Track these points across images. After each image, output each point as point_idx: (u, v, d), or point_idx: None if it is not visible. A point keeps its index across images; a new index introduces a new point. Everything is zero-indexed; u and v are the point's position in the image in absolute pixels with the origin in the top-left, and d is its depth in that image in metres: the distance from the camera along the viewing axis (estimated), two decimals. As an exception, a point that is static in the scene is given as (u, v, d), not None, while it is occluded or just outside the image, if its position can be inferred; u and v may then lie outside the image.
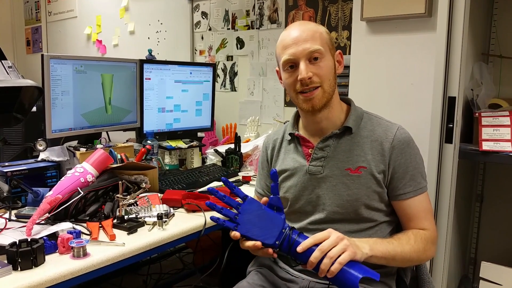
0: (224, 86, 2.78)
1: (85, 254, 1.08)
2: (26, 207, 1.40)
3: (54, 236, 1.14)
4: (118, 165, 1.56)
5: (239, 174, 1.99)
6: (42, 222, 1.25)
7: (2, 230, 1.19)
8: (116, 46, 3.47)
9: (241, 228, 1.03)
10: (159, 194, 1.56)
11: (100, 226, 1.27)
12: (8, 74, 1.39)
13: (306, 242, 0.98)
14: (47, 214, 1.25)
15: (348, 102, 1.24)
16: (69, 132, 1.79)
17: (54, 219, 1.27)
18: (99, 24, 3.59)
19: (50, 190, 1.34)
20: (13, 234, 1.16)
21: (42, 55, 1.66)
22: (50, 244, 1.10)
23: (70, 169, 1.43)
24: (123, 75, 1.99)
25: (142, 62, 2.04)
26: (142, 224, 1.32)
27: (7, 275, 0.98)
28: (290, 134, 1.26)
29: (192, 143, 2.15)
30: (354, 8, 1.74)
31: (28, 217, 1.24)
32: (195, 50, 2.92)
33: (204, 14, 2.84)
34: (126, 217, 1.32)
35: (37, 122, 2.11)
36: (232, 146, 2.15)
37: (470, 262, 2.03)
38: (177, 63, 2.21)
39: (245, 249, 1.06)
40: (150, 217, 1.36)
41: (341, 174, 1.15)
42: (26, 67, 4.32)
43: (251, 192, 1.37)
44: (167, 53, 3.05)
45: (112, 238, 1.19)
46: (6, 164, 1.56)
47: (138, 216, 1.36)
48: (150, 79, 2.07)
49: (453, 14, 1.47)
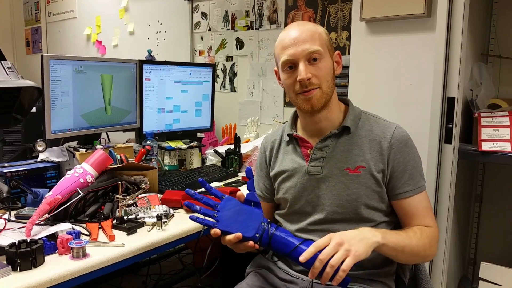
0: (223, 86, 2.78)
1: (84, 255, 1.08)
2: (26, 208, 1.40)
3: (53, 236, 1.14)
4: (118, 165, 1.56)
5: (239, 174, 1.99)
6: (42, 222, 1.25)
7: (1, 230, 1.19)
8: (115, 47, 3.47)
9: (220, 224, 1.04)
10: (159, 195, 1.56)
11: (99, 226, 1.27)
12: (7, 74, 1.39)
13: (309, 251, 0.97)
14: (47, 215, 1.25)
15: (346, 102, 1.25)
16: (68, 132, 1.79)
17: (54, 220, 1.27)
18: (99, 24, 3.59)
19: (49, 191, 1.34)
20: (12, 235, 1.16)
21: (42, 56, 1.66)
22: (50, 244, 1.10)
23: (70, 169, 1.43)
24: (123, 76, 1.99)
25: (141, 63, 2.04)
26: (142, 224, 1.32)
27: (7, 276, 0.98)
28: (288, 135, 1.26)
29: (191, 144, 2.15)
30: (353, 8, 1.74)
31: (27, 217, 1.24)
32: (195, 50, 2.92)
33: (203, 15, 2.84)
34: (125, 217, 1.32)
35: (36, 122, 2.11)
36: (231, 146, 2.15)
37: (470, 263, 2.03)
38: (176, 64, 2.21)
39: (225, 244, 1.06)
40: (149, 217, 1.36)
41: (340, 174, 1.15)
42: (26, 68, 4.32)
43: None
44: (167, 53, 3.05)
45: (111, 238, 1.19)
46: (6, 164, 1.56)
47: (138, 216, 1.36)
48: (149, 80, 2.07)
49: (452, 14, 1.47)
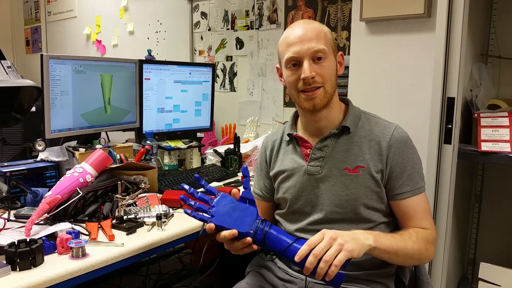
0: (223, 86, 2.78)
1: (84, 255, 1.08)
2: (25, 207, 1.40)
3: (53, 236, 1.14)
4: (117, 165, 1.56)
5: (238, 174, 1.99)
6: (41, 222, 1.25)
7: (1, 230, 1.19)
8: (115, 46, 3.47)
9: (215, 219, 1.05)
10: (158, 195, 1.56)
11: (99, 226, 1.27)
12: (7, 74, 1.39)
13: (302, 250, 0.97)
14: (46, 214, 1.25)
15: (346, 102, 1.25)
16: (68, 132, 1.79)
17: (53, 220, 1.27)
18: (99, 24, 3.59)
19: (49, 190, 1.34)
20: (12, 234, 1.16)
21: (42, 55, 1.66)
22: (49, 244, 1.10)
23: (69, 169, 1.43)
24: (123, 75, 1.99)
25: (141, 62, 2.04)
26: (141, 224, 1.32)
27: (6, 276, 0.98)
28: (288, 135, 1.26)
29: (191, 144, 2.15)
30: (353, 8, 1.74)
31: (27, 217, 1.24)
32: (195, 50, 2.92)
33: (203, 14, 2.84)
34: (125, 217, 1.32)
35: (36, 122, 2.11)
36: (231, 146, 2.15)
37: (469, 263, 2.03)
38: (176, 63, 2.21)
39: (220, 241, 1.06)
40: (149, 217, 1.36)
41: (339, 174, 1.15)
42: (26, 67, 4.32)
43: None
44: (167, 53, 3.05)
45: (111, 238, 1.19)
46: (5, 164, 1.55)
47: (137, 216, 1.36)
48: (149, 79, 2.07)
49: (452, 14, 1.47)
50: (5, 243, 1.04)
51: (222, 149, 2.17)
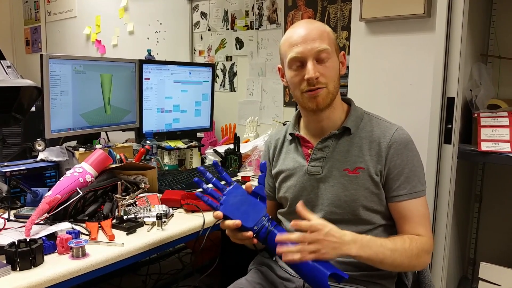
0: (223, 86, 2.78)
1: (84, 254, 1.08)
2: (25, 207, 1.40)
3: (53, 236, 1.14)
4: (117, 165, 1.56)
5: (238, 174, 1.99)
6: (41, 222, 1.25)
7: (1, 230, 1.19)
8: (115, 46, 3.47)
9: (223, 208, 1.05)
10: (158, 194, 1.56)
11: (99, 226, 1.27)
12: (7, 74, 1.39)
13: (301, 224, 0.99)
14: (46, 214, 1.25)
15: (348, 102, 1.24)
16: (68, 132, 1.79)
17: (53, 219, 1.27)
18: (99, 24, 3.59)
19: (49, 190, 1.34)
20: (12, 234, 1.16)
21: (41, 55, 1.66)
22: (49, 244, 1.10)
23: (69, 169, 1.43)
24: (122, 75, 1.99)
25: (141, 62, 2.04)
26: (141, 224, 1.32)
27: (6, 275, 0.97)
28: (290, 134, 1.26)
29: (191, 143, 2.15)
30: (353, 8, 1.74)
31: (27, 217, 1.24)
32: (194, 50, 2.92)
33: (203, 15, 2.84)
34: (125, 217, 1.32)
35: (36, 122, 2.11)
36: (231, 146, 2.15)
37: (469, 263, 2.03)
38: (176, 63, 2.21)
39: (224, 228, 1.07)
40: (149, 217, 1.36)
41: (339, 175, 1.15)
42: (25, 67, 4.32)
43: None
44: (167, 53, 3.05)
45: (111, 238, 1.19)
46: (5, 164, 1.55)
47: (137, 216, 1.36)
48: (149, 79, 2.07)
49: (452, 14, 1.47)
50: (5, 243, 1.04)
51: (222, 149, 2.17)
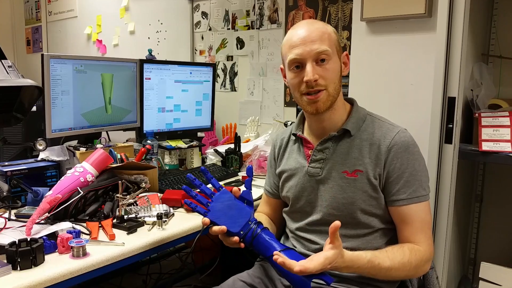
0: (224, 86, 2.78)
1: (84, 254, 1.08)
2: (26, 207, 1.40)
3: (53, 235, 1.14)
4: (118, 164, 1.56)
5: (239, 174, 1.99)
6: (42, 221, 1.25)
7: (1, 229, 1.19)
8: (116, 46, 3.47)
9: (211, 214, 1.08)
10: (159, 194, 1.56)
11: (99, 225, 1.28)
12: (8, 73, 1.40)
13: (311, 269, 0.93)
14: (47, 214, 1.25)
15: (351, 102, 1.23)
16: (69, 131, 1.79)
17: (54, 219, 1.27)
18: (99, 24, 3.59)
19: (49, 190, 1.34)
20: (12, 234, 1.16)
21: (42, 55, 1.66)
22: (50, 243, 1.10)
23: (70, 168, 1.43)
24: (123, 75, 1.99)
25: (142, 62, 2.04)
26: (142, 224, 1.32)
27: (7, 275, 0.98)
28: (293, 135, 1.26)
29: (192, 143, 2.15)
30: (354, 8, 1.74)
31: (27, 216, 1.25)
32: (195, 50, 2.92)
33: (204, 14, 2.84)
34: (125, 216, 1.32)
35: (37, 121, 2.12)
36: (232, 146, 2.15)
37: (470, 263, 2.03)
38: (177, 63, 2.21)
39: (213, 234, 1.09)
40: (149, 217, 1.36)
41: (338, 177, 1.15)
42: (26, 67, 4.32)
43: (254, 192, 1.36)
44: (167, 53, 3.05)
45: (111, 237, 1.19)
46: (6, 163, 1.56)
47: (138, 216, 1.36)
48: (150, 79, 2.07)
49: (453, 14, 1.47)
50: (6, 243, 1.05)
51: (222, 148, 2.17)
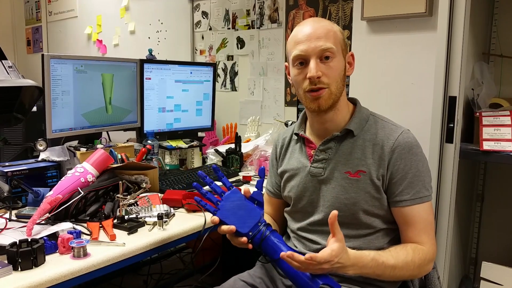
0: (224, 86, 2.78)
1: (85, 254, 1.08)
2: (27, 207, 1.40)
3: (54, 236, 1.14)
4: (119, 165, 1.56)
5: (240, 174, 1.99)
6: (43, 222, 1.25)
7: (2, 230, 1.19)
8: (116, 46, 3.47)
9: (220, 213, 1.07)
10: (160, 194, 1.56)
11: (100, 226, 1.27)
12: (8, 74, 1.40)
13: (317, 258, 0.94)
14: (48, 214, 1.25)
15: (354, 102, 1.22)
16: (69, 132, 1.79)
17: (55, 219, 1.27)
18: (100, 24, 3.59)
19: (50, 190, 1.34)
20: (13, 234, 1.16)
21: (43, 55, 1.66)
22: (51, 244, 1.10)
23: (71, 169, 1.43)
24: (124, 75, 1.99)
25: (142, 62, 2.04)
26: (143, 224, 1.32)
27: (8, 275, 0.98)
28: (296, 134, 1.26)
29: (192, 143, 2.14)
30: (354, 7, 1.74)
31: (28, 217, 1.24)
32: (196, 49, 2.92)
33: (204, 14, 2.83)
34: (126, 217, 1.32)
35: (37, 122, 2.11)
36: (232, 146, 2.15)
37: (471, 262, 2.03)
38: (177, 63, 2.20)
39: (221, 233, 1.08)
40: (150, 217, 1.36)
41: (340, 177, 1.14)
42: (27, 67, 4.32)
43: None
44: (168, 52, 3.05)
45: (112, 238, 1.19)
46: (7, 164, 1.55)
47: (139, 216, 1.36)
48: (150, 79, 2.07)
49: (453, 13, 1.46)
50: (6, 243, 1.04)
51: (223, 148, 2.17)
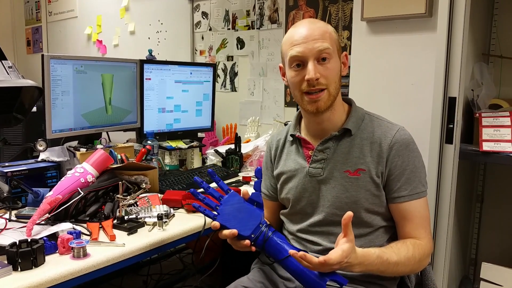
0: (224, 86, 2.78)
1: (85, 255, 1.08)
2: (26, 208, 1.40)
3: (54, 236, 1.14)
4: (118, 165, 1.56)
5: (239, 174, 1.99)
6: (42, 222, 1.25)
7: (2, 230, 1.19)
8: (116, 46, 3.47)
9: (220, 218, 1.06)
10: (159, 195, 1.56)
11: (100, 226, 1.27)
12: (8, 74, 1.39)
13: (330, 261, 0.94)
14: (47, 215, 1.25)
15: (349, 102, 1.23)
16: (69, 132, 1.79)
17: (54, 220, 1.27)
18: (100, 24, 3.59)
19: (50, 191, 1.34)
20: (13, 235, 1.16)
21: (42, 55, 1.66)
22: (50, 244, 1.10)
23: (70, 169, 1.43)
24: (124, 75, 1.99)
25: (142, 62, 2.04)
26: (142, 224, 1.32)
27: (7, 276, 0.98)
28: (291, 135, 1.25)
29: (192, 144, 2.15)
30: (354, 8, 1.74)
31: (28, 217, 1.24)
32: (196, 50, 2.92)
33: (204, 14, 2.84)
34: (126, 217, 1.32)
35: (37, 122, 2.11)
36: (232, 146, 2.15)
37: (471, 263, 2.03)
38: (177, 63, 2.21)
39: (223, 238, 1.07)
40: (150, 217, 1.36)
41: (340, 176, 1.14)
42: (27, 67, 4.32)
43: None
44: (168, 53, 3.05)
45: (112, 238, 1.19)
46: (6, 164, 1.55)
47: (138, 216, 1.36)
48: (150, 79, 2.07)
49: (453, 14, 1.47)
50: (6, 243, 1.05)
51: (223, 149, 2.17)
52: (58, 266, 1.03)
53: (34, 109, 1.63)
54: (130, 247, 1.16)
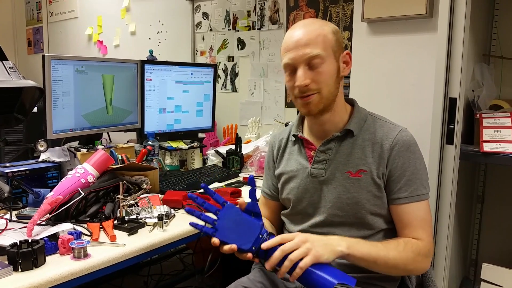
0: (225, 86, 2.78)
1: (85, 255, 1.08)
2: (27, 208, 1.40)
3: (54, 237, 1.14)
4: (119, 165, 1.56)
5: (240, 175, 1.99)
6: (43, 223, 1.25)
7: (3, 231, 1.19)
8: (117, 47, 3.48)
9: (219, 234, 1.04)
10: (160, 195, 1.56)
11: (100, 227, 1.27)
12: (9, 74, 1.40)
13: (272, 241, 0.99)
14: (48, 215, 1.25)
15: (351, 103, 1.23)
16: (70, 132, 1.79)
17: (55, 220, 1.27)
18: (100, 24, 3.59)
19: (51, 191, 1.34)
20: (13, 235, 1.16)
21: (43, 56, 1.66)
22: (51, 245, 1.10)
23: (71, 169, 1.43)
24: (124, 76, 1.99)
25: (143, 63, 2.04)
26: (143, 225, 1.32)
27: (8, 276, 0.98)
28: (294, 136, 1.26)
29: (193, 144, 2.15)
30: (355, 8, 1.74)
31: (28, 218, 1.24)
32: (196, 50, 2.92)
33: (205, 15, 2.84)
34: (126, 218, 1.32)
35: (38, 122, 2.11)
36: (233, 147, 2.15)
37: (471, 264, 2.03)
38: (178, 64, 2.21)
39: (224, 253, 1.05)
40: (150, 218, 1.36)
41: (342, 177, 1.14)
42: (27, 68, 4.33)
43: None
44: (168, 53, 3.05)
45: (112, 239, 1.19)
46: (7, 164, 1.56)
47: (139, 217, 1.36)
48: (151, 80, 2.07)
49: (454, 15, 1.47)
50: (7, 244, 1.05)
51: (223, 149, 2.17)
52: (59, 266, 1.03)
53: (35, 109, 1.63)
54: (130, 248, 1.16)
